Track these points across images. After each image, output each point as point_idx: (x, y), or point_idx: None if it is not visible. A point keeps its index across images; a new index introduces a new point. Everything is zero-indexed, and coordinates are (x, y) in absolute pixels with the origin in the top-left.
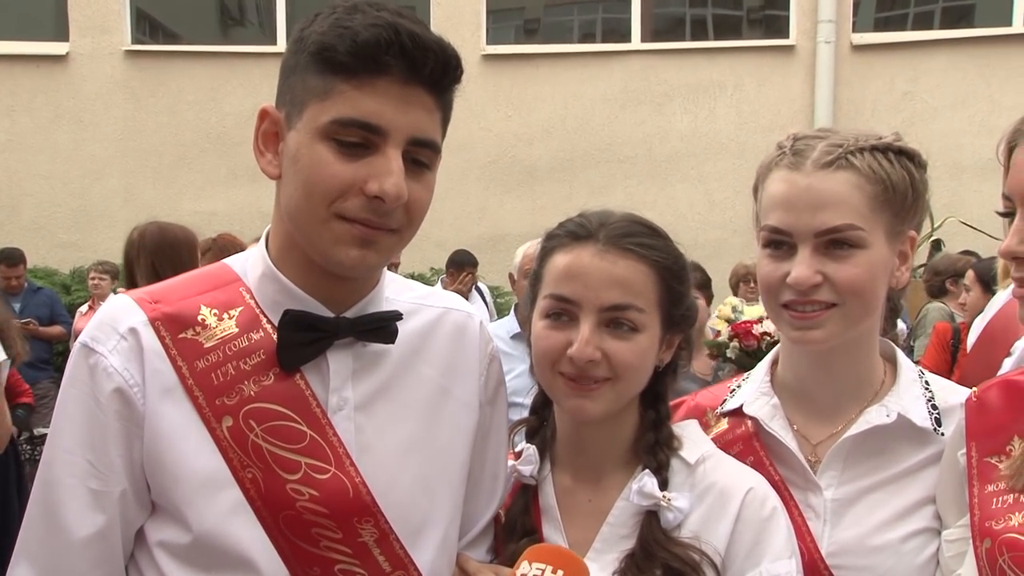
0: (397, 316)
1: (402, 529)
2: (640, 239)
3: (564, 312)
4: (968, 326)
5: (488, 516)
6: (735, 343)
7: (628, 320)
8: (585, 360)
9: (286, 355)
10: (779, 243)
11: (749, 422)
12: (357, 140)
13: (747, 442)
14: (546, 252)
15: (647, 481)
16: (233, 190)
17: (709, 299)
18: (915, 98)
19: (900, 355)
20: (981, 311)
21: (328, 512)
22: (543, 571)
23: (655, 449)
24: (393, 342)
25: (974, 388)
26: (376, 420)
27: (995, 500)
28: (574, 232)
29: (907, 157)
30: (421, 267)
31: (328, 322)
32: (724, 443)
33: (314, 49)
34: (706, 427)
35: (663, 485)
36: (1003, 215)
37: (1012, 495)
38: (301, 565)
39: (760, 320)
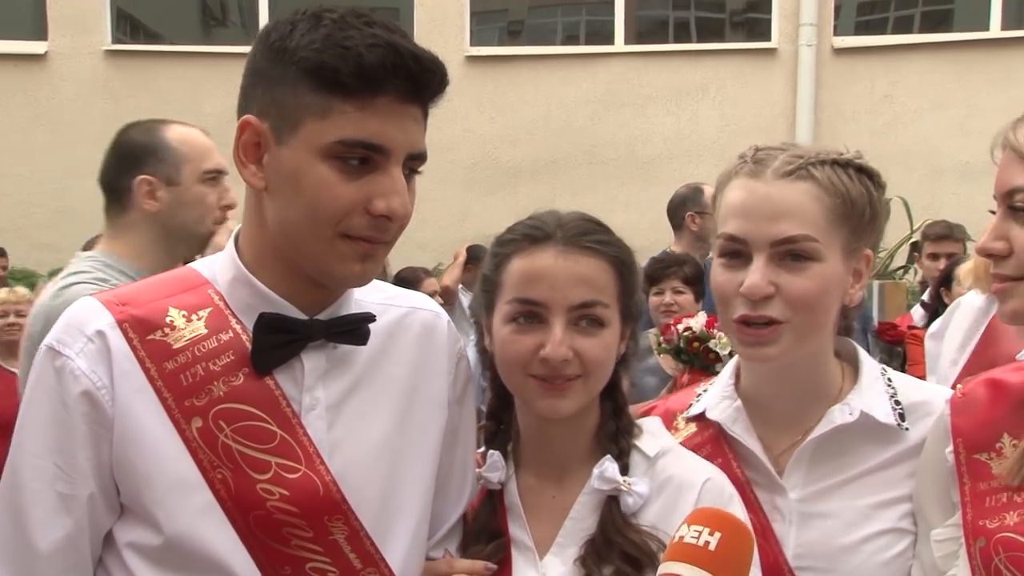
0: (371, 318)
1: (373, 527)
2: (597, 236)
3: (531, 315)
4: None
5: (457, 515)
6: (660, 339)
7: (595, 316)
8: (560, 360)
9: (260, 358)
10: (734, 252)
11: (713, 426)
12: (360, 159)
13: (715, 444)
14: (502, 257)
15: (608, 466)
16: None
17: (699, 296)
18: (895, 101)
19: (862, 354)
20: None
21: (298, 511)
22: (700, 533)
23: (616, 437)
24: (365, 343)
25: (958, 385)
26: (347, 419)
27: (988, 499)
28: (531, 235)
29: (867, 175)
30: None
31: (302, 324)
32: (693, 446)
33: (311, 67)
34: (675, 431)
35: (624, 471)
36: (994, 212)
37: (1006, 493)
38: (272, 564)
39: (686, 317)
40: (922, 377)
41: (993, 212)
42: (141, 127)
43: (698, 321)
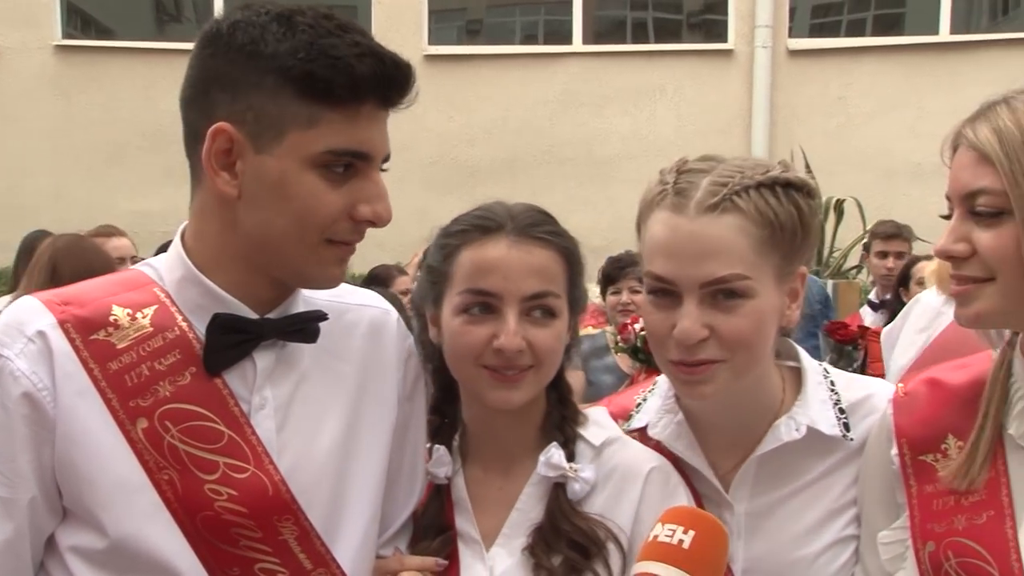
0: (322, 317)
1: (323, 526)
2: (547, 227)
3: (484, 306)
4: None
5: (406, 513)
6: (618, 337)
7: (548, 307)
8: (515, 350)
9: (213, 358)
10: (663, 291)
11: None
12: (345, 165)
13: (661, 453)
14: (451, 248)
15: (554, 453)
16: (169, 189)
17: None
18: (848, 103)
19: (803, 356)
20: None
21: (247, 511)
22: (674, 531)
23: (562, 425)
24: (315, 341)
25: (899, 383)
26: (296, 419)
27: (935, 501)
28: (482, 226)
29: (795, 189)
30: (361, 268)
31: (254, 324)
32: None
33: (298, 76)
34: None
35: (570, 459)
36: (946, 217)
37: (953, 497)
38: (220, 566)
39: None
40: (883, 376)
41: (946, 217)
42: None
43: None
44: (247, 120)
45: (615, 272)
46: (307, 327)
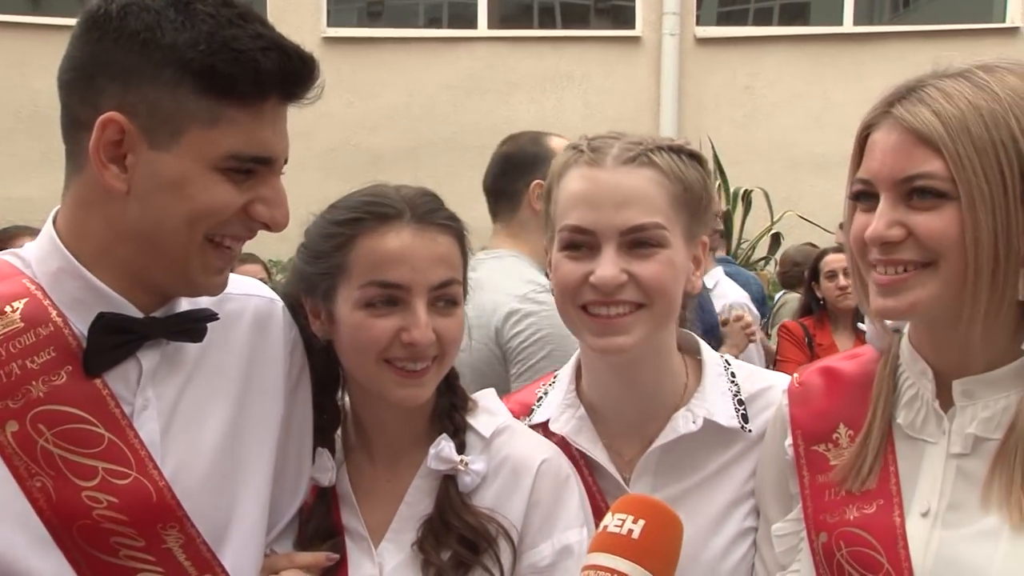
0: (212, 316)
1: (208, 530)
2: (443, 212)
3: (391, 298)
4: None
5: (293, 509)
6: None
7: (453, 296)
8: (427, 344)
9: (95, 360)
10: (579, 244)
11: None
12: (247, 169)
13: (563, 449)
14: (344, 238)
15: (444, 445)
16: (48, 175)
17: None
18: (755, 93)
19: (704, 348)
20: None
21: (128, 519)
22: (624, 521)
23: (451, 413)
24: (202, 340)
25: (795, 374)
26: (182, 419)
27: (828, 492)
28: (378, 213)
29: (697, 160)
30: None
31: (139, 323)
32: None
33: (198, 71)
34: None
35: (460, 449)
36: (853, 198)
37: (844, 487)
38: None
39: None
40: None
41: (851, 196)
42: (527, 137)
43: None
44: (140, 113)
45: None
46: (194, 326)
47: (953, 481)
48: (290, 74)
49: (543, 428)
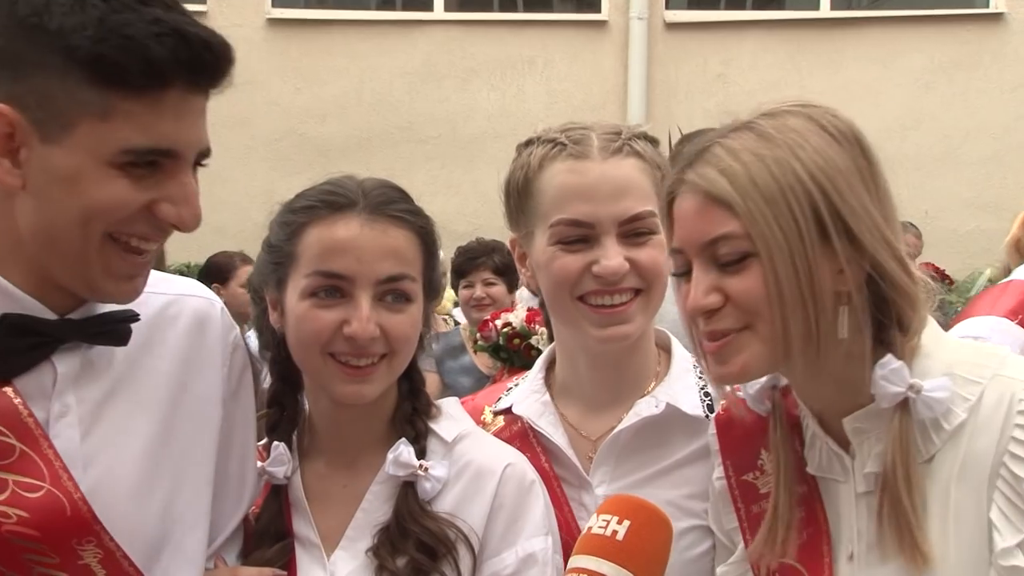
0: (133, 317)
1: (135, 544)
2: (401, 205)
3: (333, 289)
4: None
5: (237, 519)
6: (477, 335)
7: (403, 291)
8: (368, 337)
9: (3, 364)
10: (577, 237)
11: (521, 420)
12: (149, 163)
13: (523, 439)
14: (296, 226)
15: (403, 450)
16: None
17: (512, 286)
18: (728, 80)
19: (675, 344)
20: None
21: (40, 535)
22: (608, 522)
23: (413, 418)
24: (126, 343)
25: (722, 401)
26: (104, 427)
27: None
28: (331, 202)
29: (656, 146)
30: (198, 256)
31: (51, 325)
32: (503, 440)
33: (85, 59)
34: (484, 425)
35: (421, 455)
36: (677, 275)
37: (765, 561)
38: None
39: (504, 311)
40: None
41: (675, 273)
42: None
43: (518, 316)
44: (30, 105)
45: (466, 264)
46: (116, 328)
47: (867, 519)
48: (191, 62)
49: (507, 413)
